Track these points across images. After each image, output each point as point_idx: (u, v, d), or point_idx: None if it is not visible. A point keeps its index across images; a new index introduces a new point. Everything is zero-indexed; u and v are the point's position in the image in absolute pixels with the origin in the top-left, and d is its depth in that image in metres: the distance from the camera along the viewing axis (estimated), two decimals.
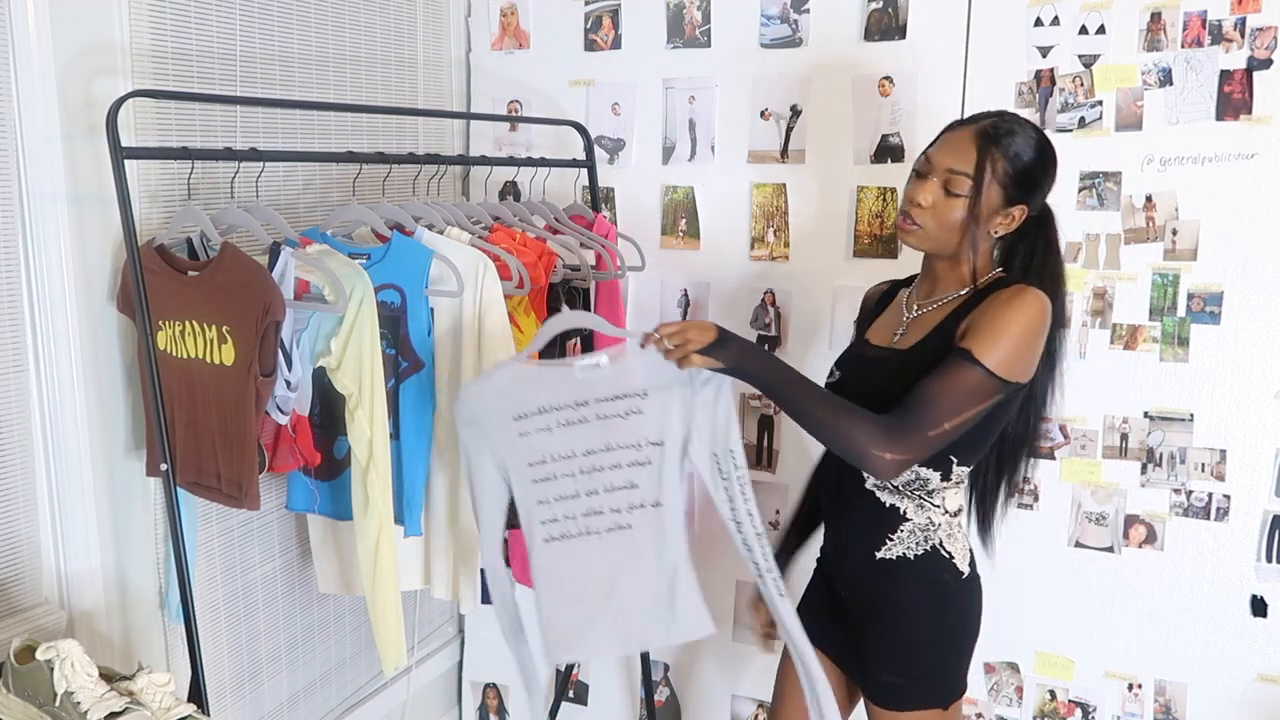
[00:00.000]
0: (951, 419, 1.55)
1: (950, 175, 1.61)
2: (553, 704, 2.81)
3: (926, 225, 1.63)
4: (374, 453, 1.78)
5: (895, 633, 1.74)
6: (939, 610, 1.73)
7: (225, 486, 1.75)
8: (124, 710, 1.43)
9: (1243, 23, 2.07)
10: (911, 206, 1.64)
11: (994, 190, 1.60)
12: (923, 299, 1.74)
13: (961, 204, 1.61)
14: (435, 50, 2.64)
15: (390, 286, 1.87)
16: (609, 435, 1.62)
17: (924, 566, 1.71)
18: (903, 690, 1.75)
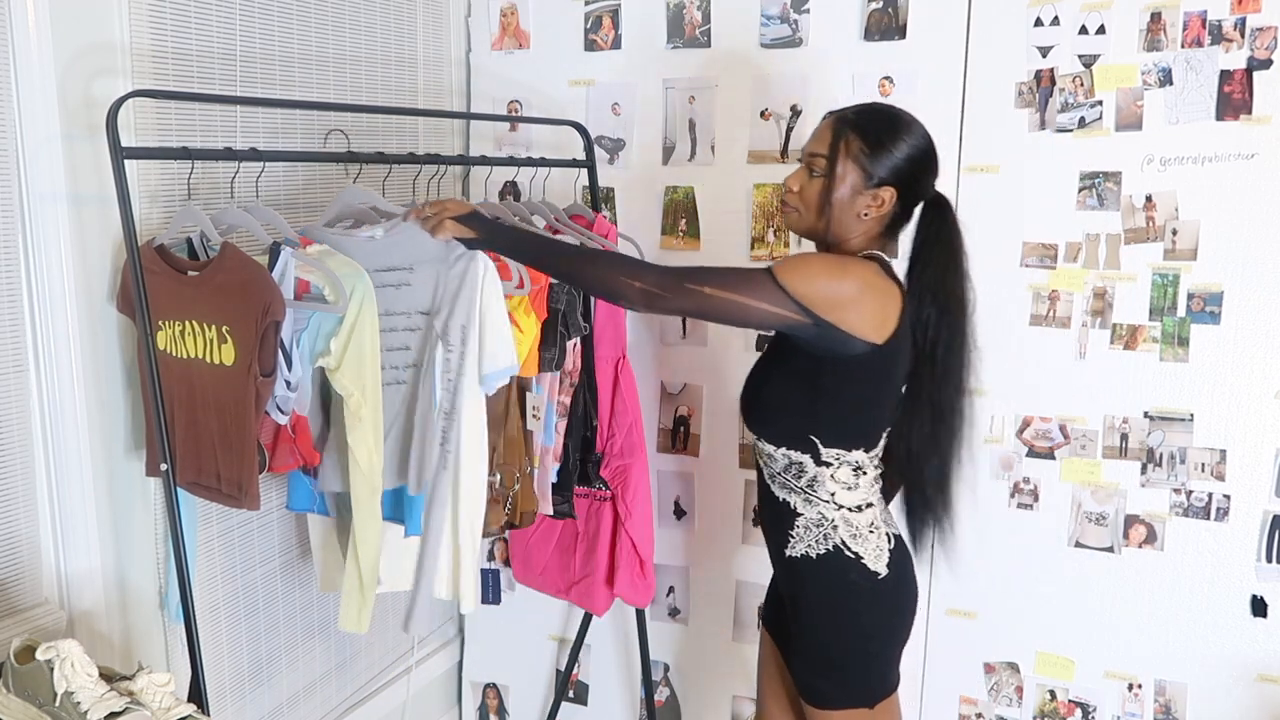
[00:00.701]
0: (715, 286, 1.61)
1: (811, 158, 1.70)
2: (553, 704, 2.81)
3: (797, 207, 1.72)
4: (374, 454, 1.77)
5: (810, 633, 1.76)
6: (852, 612, 1.73)
7: (225, 487, 1.74)
8: (124, 710, 1.43)
9: (1243, 23, 2.07)
10: (785, 193, 1.74)
11: (850, 169, 1.66)
12: None
13: (818, 183, 1.68)
14: (435, 50, 2.64)
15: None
16: (386, 303, 1.81)
17: (829, 567, 1.71)
18: (825, 690, 1.76)
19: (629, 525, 2.43)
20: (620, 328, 2.46)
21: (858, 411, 1.70)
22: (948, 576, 2.41)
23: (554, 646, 2.86)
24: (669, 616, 2.73)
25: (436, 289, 1.82)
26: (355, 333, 1.73)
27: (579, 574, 2.51)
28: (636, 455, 2.44)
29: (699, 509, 2.66)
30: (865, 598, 1.72)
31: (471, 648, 2.95)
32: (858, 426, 1.71)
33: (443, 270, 1.81)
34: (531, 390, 2.17)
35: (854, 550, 1.70)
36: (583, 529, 2.49)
